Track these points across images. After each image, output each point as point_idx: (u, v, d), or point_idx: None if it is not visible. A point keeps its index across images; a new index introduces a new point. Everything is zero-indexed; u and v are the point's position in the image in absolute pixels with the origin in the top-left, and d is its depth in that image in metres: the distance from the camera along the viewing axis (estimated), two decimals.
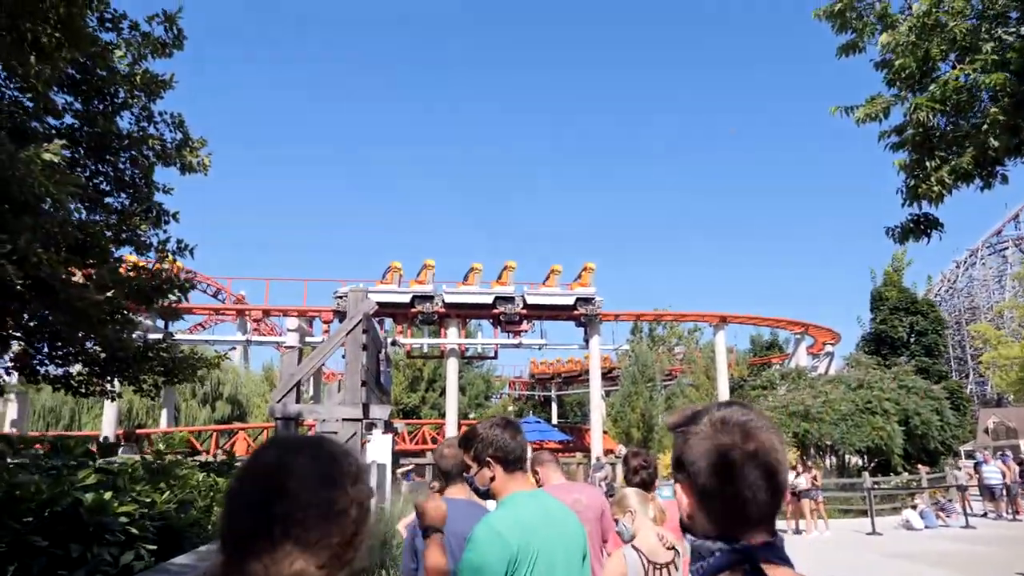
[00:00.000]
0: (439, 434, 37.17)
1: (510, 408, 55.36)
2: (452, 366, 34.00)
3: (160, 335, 11.14)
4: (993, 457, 22.14)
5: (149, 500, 4.49)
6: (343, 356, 16.03)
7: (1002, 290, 66.20)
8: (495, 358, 38.96)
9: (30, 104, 7.50)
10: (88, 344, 9.72)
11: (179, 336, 33.46)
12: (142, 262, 10.34)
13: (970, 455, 29.64)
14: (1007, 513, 20.64)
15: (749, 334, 50.72)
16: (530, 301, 33.52)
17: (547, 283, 34.21)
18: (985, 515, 21.01)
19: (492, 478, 2.68)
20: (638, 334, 44.50)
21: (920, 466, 25.93)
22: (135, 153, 9.37)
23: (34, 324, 7.98)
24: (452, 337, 33.90)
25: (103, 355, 9.58)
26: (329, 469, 1.16)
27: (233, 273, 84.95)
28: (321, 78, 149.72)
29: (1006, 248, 69.32)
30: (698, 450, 1.36)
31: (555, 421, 49.98)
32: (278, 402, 15.07)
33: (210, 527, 5.79)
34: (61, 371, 10.87)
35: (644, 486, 4.51)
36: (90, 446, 4.66)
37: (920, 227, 7.64)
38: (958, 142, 6.84)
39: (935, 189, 6.84)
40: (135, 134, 9.40)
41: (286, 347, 26.09)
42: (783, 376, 33.23)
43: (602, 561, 4.05)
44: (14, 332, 9.19)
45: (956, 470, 21.83)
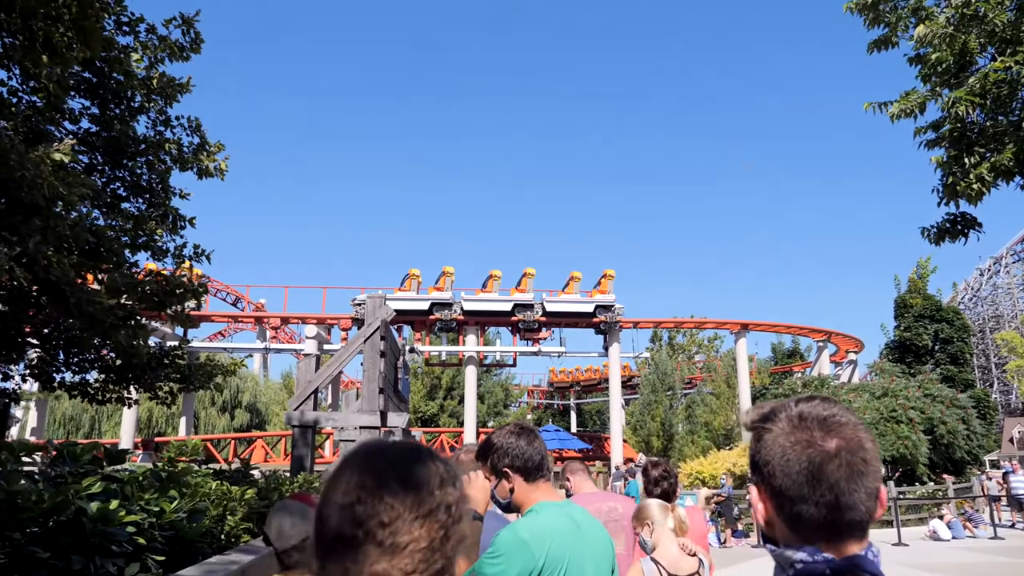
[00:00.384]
0: (457, 442, 37.00)
1: (529, 416, 55.13)
2: (471, 374, 33.84)
3: (177, 342, 11.08)
4: (1021, 467, 21.66)
5: (157, 509, 4.33)
6: (361, 364, 15.96)
7: None
8: (514, 366, 38.77)
9: (44, 106, 7.44)
10: (104, 351, 9.68)
11: (198, 344, 33.71)
12: (159, 268, 10.31)
13: (995, 465, 29.15)
14: None
15: (770, 342, 50.32)
16: (549, 308, 33.29)
17: (566, 290, 33.98)
18: (1013, 526, 20.62)
19: (512, 489, 2.51)
20: (658, 342, 44.16)
21: (946, 476, 25.49)
22: (151, 158, 9.32)
23: (48, 330, 7.91)
24: (471, 345, 33.74)
25: (119, 362, 9.51)
26: (416, 471, 1.14)
27: (252, 281, 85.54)
28: (340, 83, 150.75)
29: None
30: (773, 449, 1.21)
31: (574, 430, 49.64)
32: (295, 409, 15.00)
33: (223, 537, 5.65)
34: (78, 378, 10.86)
35: (666, 496, 4.44)
36: (97, 453, 4.52)
37: (957, 227, 7.35)
38: (997, 138, 6.53)
39: (974, 187, 6.54)
40: (152, 138, 9.35)
41: (304, 355, 26.09)
42: (805, 384, 32.76)
43: None
44: (30, 339, 9.16)
45: (987, 480, 21.36)
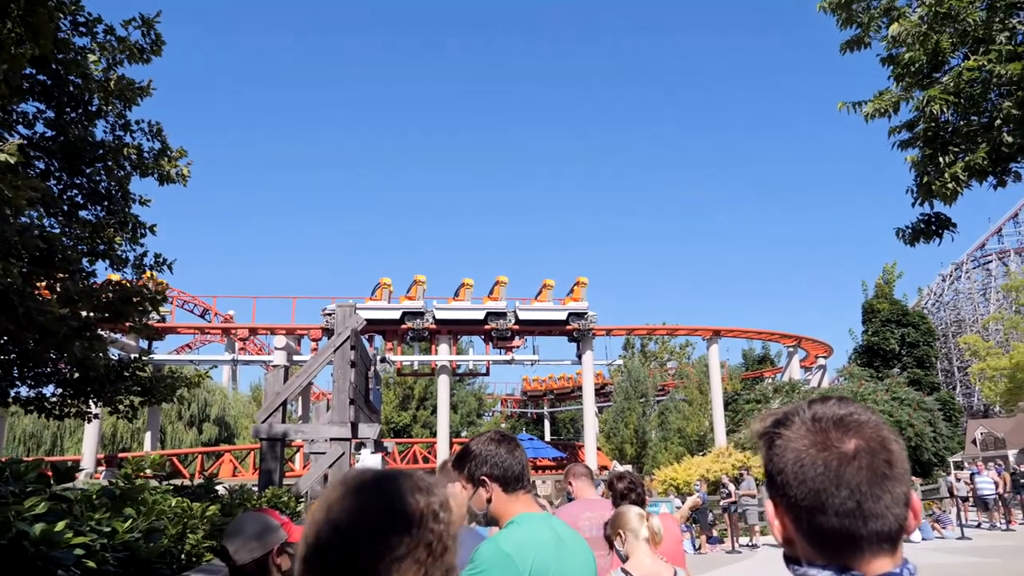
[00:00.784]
0: (430, 453, 36.63)
1: (503, 425, 54.88)
2: (443, 383, 33.53)
3: (138, 355, 10.70)
4: (987, 468, 22.01)
5: (109, 529, 4.08)
6: (332, 375, 15.65)
7: (987, 303, 66.73)
8: (487, 375, 38.53)
9: None
10: (61, 364, 9.31)
11: (164, 357, 32.99)
12: (120, 278, 9.95)
13: (959, 466, 29.65)
14: (1000, 523, 20.57)
15: (741, 348, 50.68)
16: (522, 316, 33.14)
17: (539, 298, 33.87)
18: (979, 525, 20.94)
19: (489, 500, 2.36)
20: (630, 349, 44.22)
21: (913, 478, 25.79)
22: (110, 163, 9.00)
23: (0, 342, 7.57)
24: (443, 354, 33.45)
25: (76, 375, 9.16)
26: (414, 506, 1.10)
27: (220, 292, 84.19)
28: (308, 91, 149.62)
29: (990, 261, 70.08)
30: (786, 456, 1.09)
31: (548, 438, 49.47)
32: (263, 422, 14.64)
33: (183, 556, 5.38)
34: (33, 392, 10.43)
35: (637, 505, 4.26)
36: (44, 470, 4.26)
37: (932, 227, 7.35)
38: (971, 137, 6.56)
39: (949, 186, 6.53)
40: (110, 143, 9.04)
41: (273, 366, 25.63)
42: (776, 389, 33.03)
43: None
44: None
45: (956, 481, 21.67)
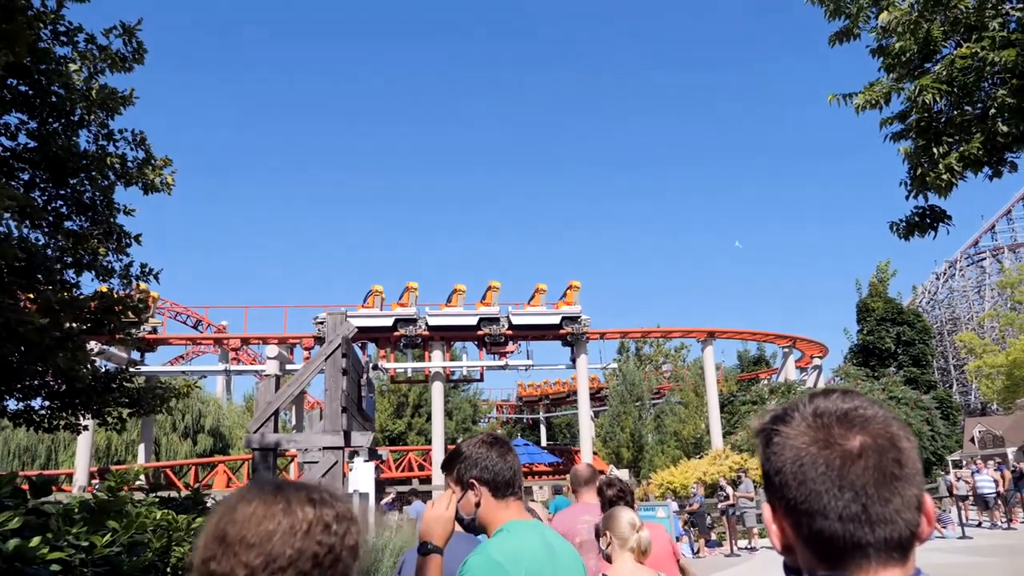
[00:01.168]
0: (426, 460, 36.45)
1: (499, 431, 54.63)
2: (437, 390, 33.40)
3: (125, 366, 10.59)
4: (986, 466, 21.97)
5: (87, 543, 3.98)
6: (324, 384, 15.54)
7: (981, 300, 66.87)
8: (481, 380, 38.40)
9: None
10: (48, 376, 9.20)
11: (157, 368, 32.78)
12: (108, 289, 9.84)
13: (958, 465, 29.58)
14: (1001, 522, 20.49)
15: (736, 350, 50.64)
16: (515, 321, 33.05)
17: (532, 303, 33.78)
18: (979, 524, 20.81)
19: (478, 504, 2.28)
20: (625, 353, 44.14)
21: None
22: (94, 173, 8.90)
23: None
24: (437, 360, 33.33)
25: (63, 387, 9.04)
26: (277, 520, 1.06)
27: (212, 303, 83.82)
28: (298, 96, 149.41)
29: (984, 259, 70.24)
30: (784, 454, 1.00)
31: (544, 443, 49.33)
32: (255, 432, 14.48)
33: (168, 571, 5.28)
34: (22, 405, 10.31)
35: None
36: (19, 484, 4.15)
37: (926, 220, 7.25)
38: (965, 127, 6.46)
39: (943, 178, 6.42)
40: (93, 153, 8.94)
41: (264, 375, 25.48)
42: (772, 391, 33.00)
43: None
44: None
45: (956, 480, 21.61)
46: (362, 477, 14.01)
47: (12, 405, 10.18)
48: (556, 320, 33.26)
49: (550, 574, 2.12)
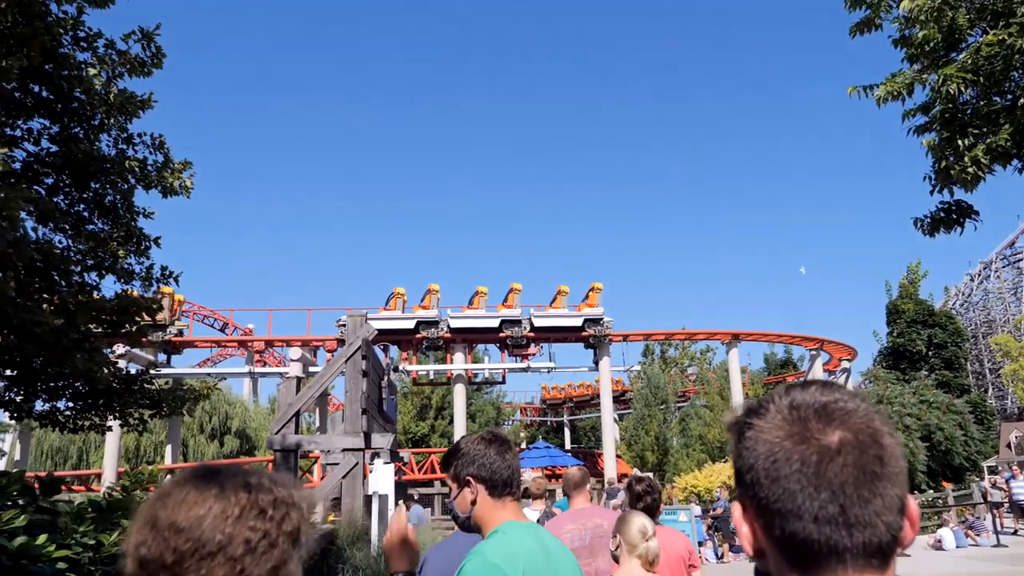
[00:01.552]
0: None
1: (522, 434, 54.67)
2: (459, 392, 33.42)
3: (146, 368, 10.71)
4: (1022, 472, 21.42)
5: (94, 542, 3.98)
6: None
7: (1018, 302, 65.40)
8: (503, 383, 38.36)
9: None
10: (69, 378, 9.32)
11: (184, 370, 33.22)
12: (135, 293, 9.96)
13: (994, 471, 28.90)
14: None
15: (763, 352, 50.02)
16: (537, 323, 32.96)
17: (554, 305, 33.67)
18: (1015, 532, 20.22)
19: (473, 502, 2.24)
20: (650, 355, 43.86)
21: (945, 483, 25.20)
22: (114, 176, 9.01)
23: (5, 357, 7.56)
24: (459, 363, 33.36)
25: (85, 388, 9.16)
26: (208, 504, 1.05)
27: (238, 306, 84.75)
28: (321, 98, 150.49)
29: (1020, 260, 68.64)
30: (757, 449, 0.92)
31: (568, 446, 49.17)
32: (276, 433, 14.61)
33: None
34: (47, 406, 10.47)
35: (648, 511, 4.30)
36: (31, 483, 4.18)
37: (952, 216, 7.00)
38: (992, 118, 6.22)
39: (969, 171, 6.17)
40: (113, 157, 9.05)
41: (287, 377, 25.66)
42: None
43: None
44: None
45: (992, 487, 21.07)
46: (382, 478, 14.01)
47: (38, 406, 10.36)
48: (578, 322, 33.12)
49: (545, 572, 2.07)
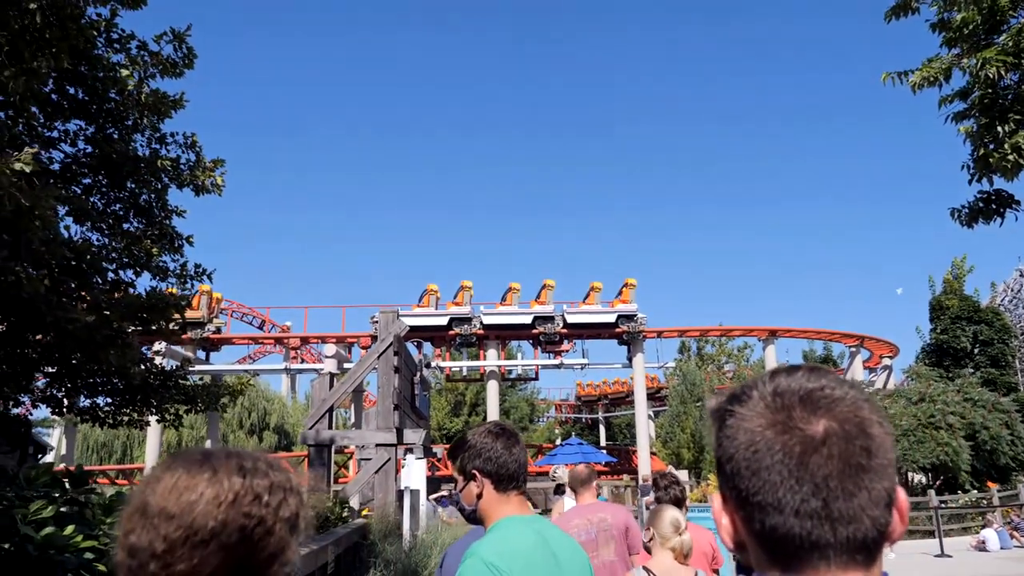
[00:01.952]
0: None
1: (556, 431, 54.63)
2: (493, 389, 33.50)
3: (181, 364, 10.94)
4: None
5: None
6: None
7: None
8: (536, 379, 38.39)
9: (20, 125, 7.32)
10: (107, 374, 9.55)
11: (223, 367, 33.85)
12: (173, 291, 10.18)
13: None
14: None
15: (801, 349, 49.08)
16: (570, 320, 32.86)
17: (587, 301, 33.53)
18: None
19: (479, 496, 2.22)
20: (686, 352, 43.44)
21: (990, 483, 24.60)
22: (147, 175, 9.20)
23: (39, 352, 7.76)
24: (492, 359, 33.42)
25: (121, 384, 9.38)
26: (199, 490, 1.02)
27: (275, 303, 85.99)
28: (352, 97, 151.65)
29: None
30: (737, 439, 0.88)
31: (603, 443, 49.04)
32: (310, 428, 14.79)
33: None
34: (88, 402, 10.76)
35: (677, 502, 4.51)
36: (60, 475, 4.28)
37: (991, 206, 6.74)
38: None
39: (1009, 158, 5.89)
40: (146, 157, 9.24)
41: (322, 374, 25.99)
42: None
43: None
44: (40, 365, 9.02)
45: None
46: (414, 474, 14.10)
47: (80, 402, 10.66)
48: (612, 318, 32.92)
49: (547, 568, 2.05)
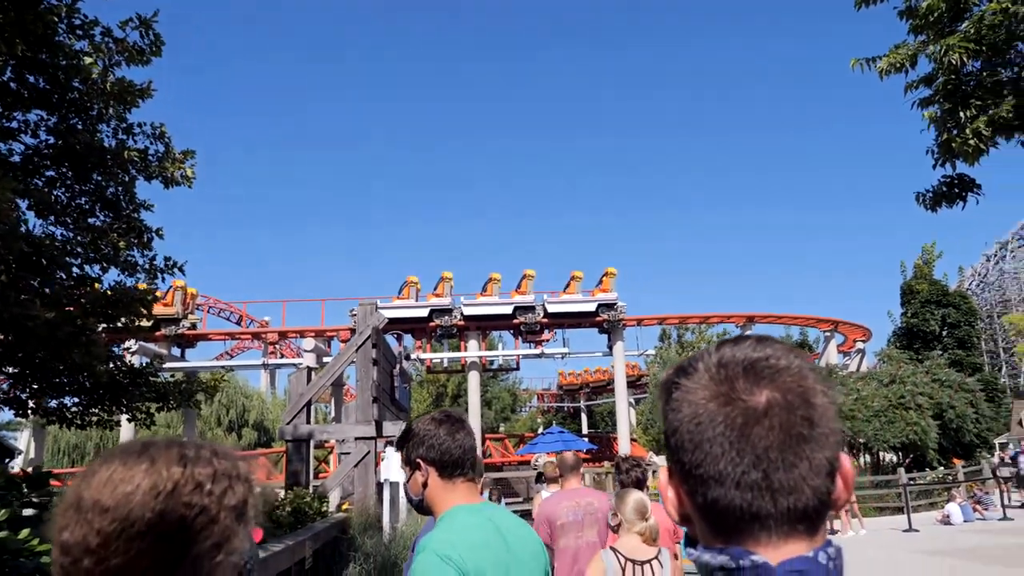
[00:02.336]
0: None
1: (539, 420, 54.76)
2: (474, 380, 33.46)
3: (151, 361, 10.73)
4: None
5: None
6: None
7: None
8: (517, 369, 38.35)
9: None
10: (73, 373, 9.33)
11: (200, 363, 33.42)
12: (144, 286, 9.94)
13: (1004, 447, 28.95)
14: None
15: (778, 335, 49.58)
16: (551, 309, 32.88)
17: (568, 290, 33.55)
18: (1022, 506, 20.53)
19: (425, 484, 2.18)
20: (666, 340, 43.70)
21: (956, 460, 25.31)
22: (115, 168, 8.97)
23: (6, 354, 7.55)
24: (472, 350, 33.38)
25: (88, 383, 9.16)
26: (136, 480, 0.97)
27: (251, 298, 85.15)
28: (328, 83, 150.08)
29: None
30: (682, 411, 0.86)
31: (585, 431, 49.24)
32: (288, 423, 14.65)
33: None
34: (55, 403, 10.47)
35: (638, 484, 4.66)
36: (18, 479, 4.15)
37: (954, 190, 6.84)
38: (995, 90, 6.07)
39: (971, 143, 6.00)
40: (112, 148, 9.01)
41: (299, 368, 25.80)
42: None
43: None
44: (2, 365, 8.79)
45: (1005, 464, 21.16)
46: (394, 466, 14.06)
47: (47, 403, 10.37)
48: (592, 307, 32.98)
49: (498, 555, 2.03)
